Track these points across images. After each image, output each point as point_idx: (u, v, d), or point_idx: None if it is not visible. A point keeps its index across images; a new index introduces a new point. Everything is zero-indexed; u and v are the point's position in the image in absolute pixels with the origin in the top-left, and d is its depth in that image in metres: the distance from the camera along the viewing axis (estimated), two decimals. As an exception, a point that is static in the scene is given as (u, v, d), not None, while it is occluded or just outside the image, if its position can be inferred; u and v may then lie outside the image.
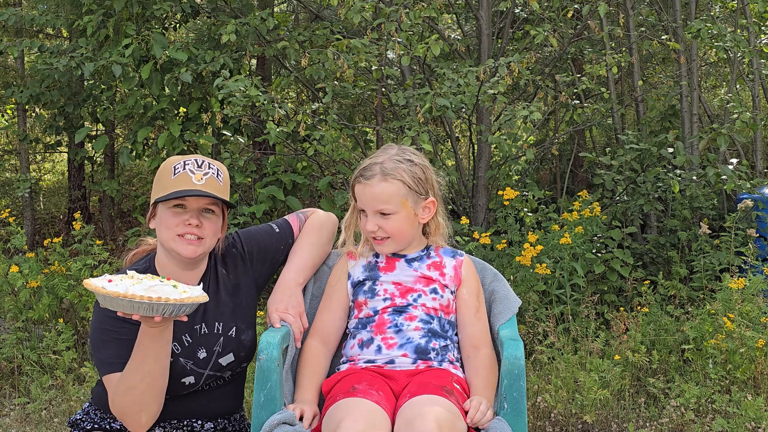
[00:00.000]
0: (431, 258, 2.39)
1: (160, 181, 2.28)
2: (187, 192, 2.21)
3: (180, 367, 2.28)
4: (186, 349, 2.31)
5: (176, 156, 2.36)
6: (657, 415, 3.73)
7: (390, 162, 2.28)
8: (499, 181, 5.56)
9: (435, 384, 2.18)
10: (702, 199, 5.41)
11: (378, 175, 2.27)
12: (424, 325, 2.30)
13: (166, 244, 2.26)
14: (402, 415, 2.07)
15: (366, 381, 2.21)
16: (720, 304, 4.03)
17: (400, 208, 2.27)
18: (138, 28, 5.67)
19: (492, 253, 4.63)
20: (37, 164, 10.80)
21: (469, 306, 2.36)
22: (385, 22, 4.82)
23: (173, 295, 1.95)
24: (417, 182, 2.28)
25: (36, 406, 4.01)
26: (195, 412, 2.38)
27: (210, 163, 2.31)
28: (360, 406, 2.07)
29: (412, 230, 2.34)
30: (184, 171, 2.25)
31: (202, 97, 5.95)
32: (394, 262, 2.37)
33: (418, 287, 2.33)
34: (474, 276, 2.41)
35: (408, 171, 2.28)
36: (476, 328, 2.35)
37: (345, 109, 6.99)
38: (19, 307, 4.64)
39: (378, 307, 2.32)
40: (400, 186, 2.26)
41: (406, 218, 2.29)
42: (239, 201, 5.67)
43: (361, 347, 2.32)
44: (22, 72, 7.82)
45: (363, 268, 2.38)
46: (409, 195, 2.27)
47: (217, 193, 2.25)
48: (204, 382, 2.34)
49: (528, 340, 4.21)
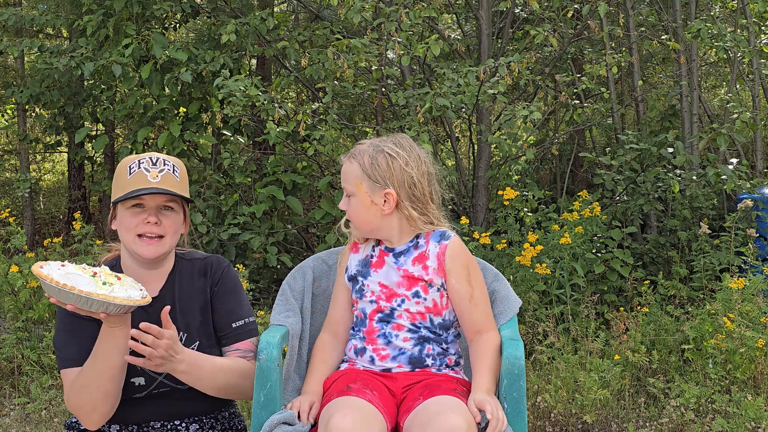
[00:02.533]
0: (419, 248, 2.31)
1: (117, 181, 2.27)
2: (143, 191, 2.19)
3: (132, 367, 2.25)
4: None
5: (132, 155, 2.34)
6: (657, 415, 3.73)
7: (366, 145, 2.29)
8: (499, 181, 5.56)
9: (446, 387, 2.19)
10: (702, 199, 5.41)
11: (349, 154, 2.30)
12: (413, 334, 2.26)
13: (127, 245, 2.26)
14: (422, 413, 2.07)
15: (361, 380, 2.21)
16: (720, 304, 4.03)
17: (355, 190, 2.25)
18: (138, 28, 5.67)
19: (492, 253, 4.63)
20: (37, 164, 10.80)
21: (461, 295, 2.28)
22: (385, 22, 4.82)
23: (99, 291, 1.97)
24: (374, 168, 2.23)
25: (36, 406, 4.01)
26: (173, 414, 2.34)
27: (165, 159, 2.29)
28: (351, 403, 2.08)
29: (371, 218, 2.26)
30: (139, 170, 2.24)
31: (202, 97, 5.95)
32: (384, 257, 2.33)
33: (401, 291, 2.27)
34: (462, 260, 2.29)
35: (371, 155, 2.24)
36: (474, 315, 2.28)
37: (345, 109, 6.99)
38: (19, 307, 4.64)
39: (366, 309, 2.30)
40: (356, 167, 2.25)
41: (362, 204, 2.24)
42: (239, 201, 5.67)
43: (356, 354, 2.32)
44: (22, 72, 7.82)
45: (358, 262, 2.36)
46: (364, 179, 2.24)
47: (174, 189, 2.23)
48: (156, 387, 2.29)
49: (528, 340, 4.21)
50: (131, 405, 2.30)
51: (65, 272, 2.00)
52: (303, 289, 2.52)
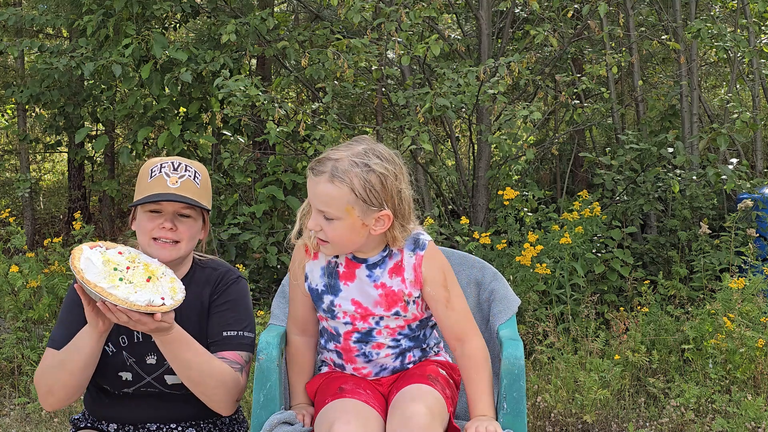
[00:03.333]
0: (393, 257, 2.15)
1: (138, 184, 2.27)
2: (159, 197, 2.18)
3: (120, 361, 2.25)
4: (134, 346, 2.25)
5: (156, 158, 2.32)
6: (657, 415, 3.73)
7: (345, 162, 2.02)
8: (499, 181, 5.56)
9: (419, 374, 2.17)
10: (702, 199, 5.40)
11: (327, 174, 2.02)
12: (394, 349, 2.20)
13: (143, 247, 2.24)
14: (393, 408, 2.07)
15: (352, 381, 2.20)
16: (720, 304, 4.03)
17: (343, 215, 2.02)
18: (138, 28, 5.67)
19: (492, 253, 4.63)
20: (37, 164, 10.80)
21: (437, 300, 2.15)
22: (385, 22, 4.82)
23: (100, 284, 1.96)
24: (368, 191, 2.02)
25: (36, 406, 4.01)
26: (168, 417, 2.32)
27: (188, 165, 2.26)
28: (350, 406, 2.06)
29: (358, 239, 2.08)
30: (159, 174, 2.22)
31: (202, 97, 5.95)
32: (354, 269, 2.16)
33: (378, 311, 2.14)
34: (437, 266, 2.16)
35: (360, 177, 2.01)
36: (452, 320, 2.16)
37: (345, 109, 6.99)
38: (19, 307, 4.64)
39: (340, 330, 2.19)
40: (346, 192, 2.01)
41: (350, 227, 2.05)
42: (239, 201, 5.67)
43: (336, 367, 2.27)
44: (22, 72, 7.82)
45: (322, 271, 2.19)
46: (356, 203, 2.02)
47: (192, 196, 2.21)
48: (145, 386, 2.27)
49: (528, 340, 4.21)
50: (124, 402, 2.30)
51: (86, 257, 2.01)
52: (303, 290, 2.52)
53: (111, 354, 2.25)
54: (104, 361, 2.23)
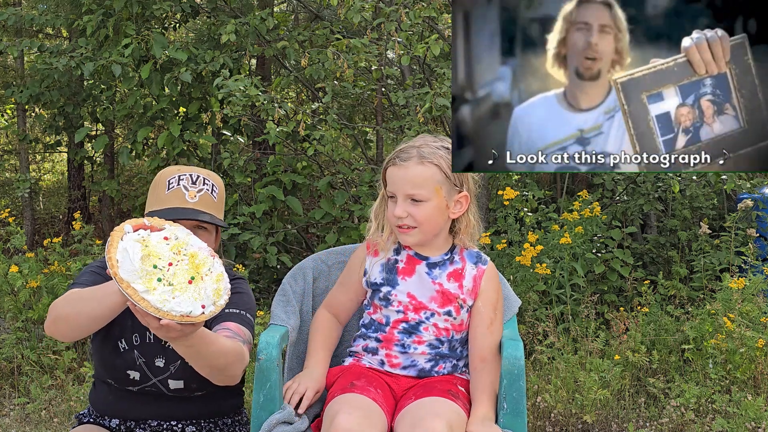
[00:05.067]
0: (454, 264, 2.27)
1: (154, 191, 2.27)
2: (179, 213, 2.18)
3: (131, 360, 2.25)
4: (145, 346, 2.25)
5: (173, 167, 2.32)
6: (657, 415, 3.73)
7: (428, 147, 2.19)
8: (499, 180, 5.56)
9: (440, 388, 2.18)
10: (702, 199, 5.40)
11: (415, 157, 2.17)
12: (432, 350, 2.25)
13: None
14: (408, 415, 2.07)
15: (365, 378, 2.21)
16: (720, 304, 4.03)
17: (432, 195, 2.16)
18: (138, 27, 5.66)
19: (492, 253, 4.63)
20: (37, 164, 10.79)
21: (483, 318, 2.26)
22: (385, 22, 4.81)
23: (134, 285, 1.74)
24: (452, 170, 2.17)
25: (36, 406, 4.00)
26: (169, 416, 2.32)
27: (206, 178, 2.28)
28: (355, 401, 2.08)
29: (441, 223, 2.22)
30: (178, 187, 2.23)
31: (201, 96, 5.95)
32: (415, 265, 2.27)
33: (432, 306, 2.24)
34: (494, 287, 2.30)
35: (446, 158, 2.17)
36: (487, 341, 2.25)
37: (345, 109, 6.98)
38: (18, 307, 4.64)
39: (391, 318, 2.26)
40: (435, 171, 2.16)
41: (437, 207, 2.18)
42: (239, 201, 5.67)
43: (366, 351, 2.31)
44: (21, 72, 7.81)
45: (381, 267, 2.29)
46: (444, 183, 2.17)
47: (209, 210, 2.23)
48: (150, 387, 2.27)
49: (528, 340, 4.21)
50: (127, 398, 2.30)
51: (124, 247, 1.78)
52: (303, 291, 2.51)
53: (123, 351, 2.25)
54: (115, 358, 2.24)
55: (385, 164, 2.25)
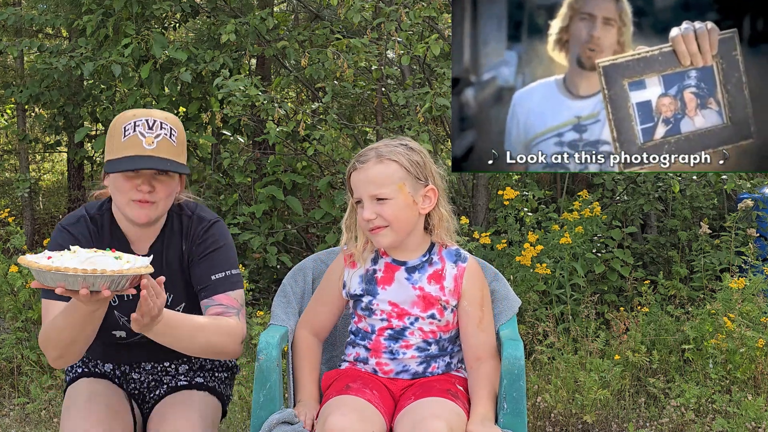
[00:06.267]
0: (433, 265, 2.25)
1: (111, 140, 2.14)
2: (136, 162, 2.08)
3: (113, 320, 2.23)
4: (123, 304, 2.22)
5: (129, 111, 2.17)
6: (657, 415, 3.73)
7: (386, 147, 2.19)
8: (499, 180, 5.56)
9: (439, 387, 2.17)
10: (702, 199, 5.40)
11: (373, 158, 2.16)
12: (421, 352, 2.24)
13: (119, 207, 2.18)
14: (408, 415, 2.06)
15: (361, 380, 2.21)
16: (720, 303, 4.03)
17: (396, 192, 2.14)
18: (137, 27, 5.66)
19: (492, 253, 4.63)
20: (37, 164, 10.79)
21: (471, 318, 2.24)
22: (385, 22, 4.81)
23: (111, 267, 1.76)
24: (414, 166, 2.17)
25: (35, 406, 4.00)
26: (162, 358, 2.33)
27: (162, 122, 2.14)
28: (350, 402, 2.08)
29: (413, 219, 2.19)
30: (134, 133, 2.09)
31: (201, 96, 5.94)
32: (394, 272, 2.24)
33: (415, 311, 2.22)
34: (478, 284, 2.27)
35: (404, 154, 2.16)
36: (479, 340, 2.23)
37: (345, 109, 6.98)
38: (18, 307, 4.63)
39: (376, 326, 2.25)
40: (396, 168, 2.14)
41: (405, 204, 2.15)
42: (239, 201, 5.66)
43: (357, 362, 2.30)
44: (21, 72, 7.82)
45: (360, 279, 2.26)
46: (407, 179, 2.15)
47: (170, 155, 2.11)
48: (137, 339, 2.23)
49: (528, 340, 4.21)
50: (118, 347, 2.31)
51: (80, 259, 1.79)
52: (303, 292, 2.51)
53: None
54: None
55: (348, 172, 2.23)
